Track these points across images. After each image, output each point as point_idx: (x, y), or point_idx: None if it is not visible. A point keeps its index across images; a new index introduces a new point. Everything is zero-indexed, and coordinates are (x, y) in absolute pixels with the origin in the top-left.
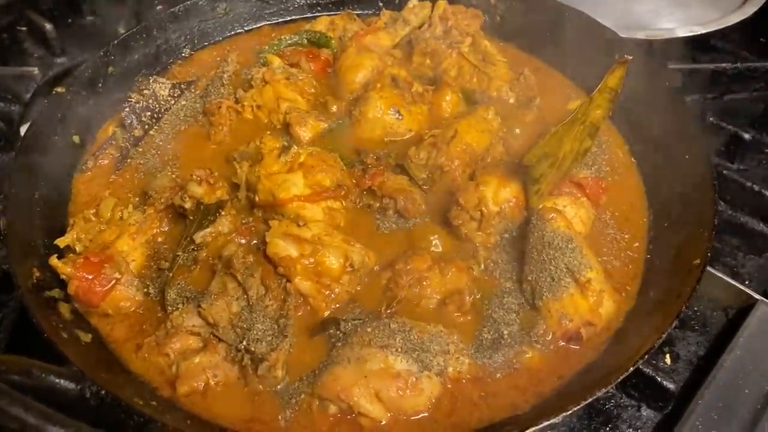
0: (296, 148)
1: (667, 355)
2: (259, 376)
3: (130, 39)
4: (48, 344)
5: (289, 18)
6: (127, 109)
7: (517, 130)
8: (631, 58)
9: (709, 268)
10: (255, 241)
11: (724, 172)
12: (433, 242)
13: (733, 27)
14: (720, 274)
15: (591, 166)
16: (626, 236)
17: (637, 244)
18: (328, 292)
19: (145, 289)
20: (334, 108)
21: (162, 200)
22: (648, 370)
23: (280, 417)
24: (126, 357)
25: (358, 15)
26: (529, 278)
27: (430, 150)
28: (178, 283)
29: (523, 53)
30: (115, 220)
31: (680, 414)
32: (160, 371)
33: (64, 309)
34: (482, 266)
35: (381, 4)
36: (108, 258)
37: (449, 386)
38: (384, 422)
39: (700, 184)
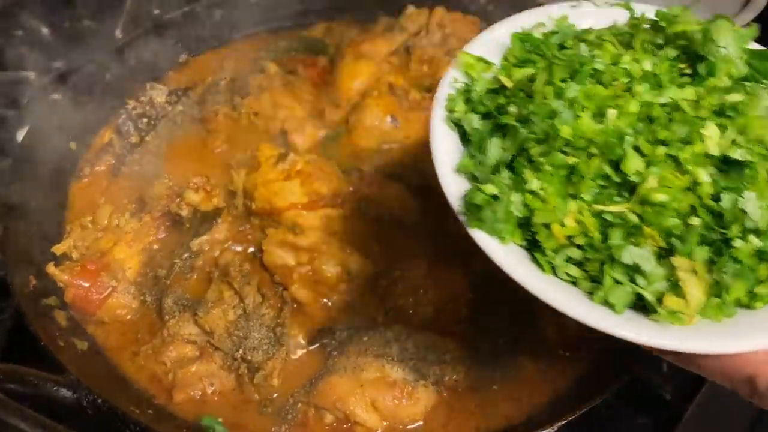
0: (293, 155)
1: (663, 363)
2: (255, 384)
3: (127, 45)
4: (44, 352)
5: (286, 24)
6: (124, 116)
7: None
8: None
9: None
10: (252, 249)
11: None
12: None
13: None
14: None
15: None
16: None
17: None
18: (325, 300)
19: (142, 297)
20: (332, 115)
21: (158, 208)
22: (644, 378)
23: (273, 429)
24: (122, 365)
25: (355, 22)
26: None
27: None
28: (175, 291)
29: None
30: (112, 227)
31: (676, 421)
32: (157, 379)
33: (61, 317)
34: (479, 275)
35: (378, 11)
36: (105, 266)
37: (445, 395)
38: (380, 431)
39: None
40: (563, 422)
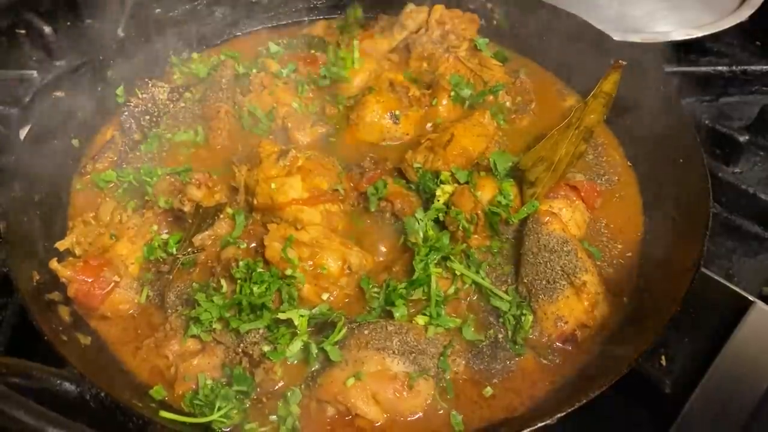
0: (294, 151)
1: (662, 357)
2: (257, 378)
3: (129, 43)
4: (48, 347)
5: (286, 22)
6: (126, 113)
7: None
8: (625, 63)
9: (703, 270)
10: (254, 244)
11: (719, 174)
12: None
13: (729, 30)
14: (715, 276)
15: (600, 174)
16: (619, 246)
17: (630, 254)
18: (326, 294)
19: (145, 292)
20: (332, 112)
21: (161, 204)
22: (643, 372)
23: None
24: (125, 359)
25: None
26: (525, 281)
27: (426, 154)
28: (178, 286)
29: (519, 57)
30: (114, 223)
31: (674, 415)
32: (159, 373)
33: (64, 312)
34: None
35: (378, 8)
36: (107, 261)
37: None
38: (381, 423)
39: (695, 187)
40: (563, 414)
